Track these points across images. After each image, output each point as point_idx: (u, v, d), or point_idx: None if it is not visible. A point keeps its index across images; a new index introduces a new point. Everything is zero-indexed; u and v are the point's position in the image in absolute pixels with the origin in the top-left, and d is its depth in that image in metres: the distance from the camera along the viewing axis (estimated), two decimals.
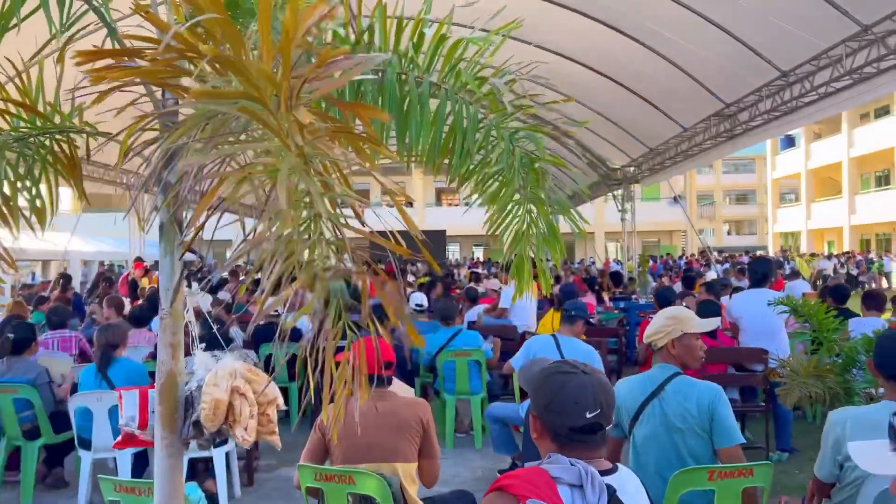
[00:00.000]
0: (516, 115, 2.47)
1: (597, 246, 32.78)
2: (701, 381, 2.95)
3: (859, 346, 4.23)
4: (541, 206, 2.37)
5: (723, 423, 2.77)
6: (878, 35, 7.04)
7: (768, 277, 5.51)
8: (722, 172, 54.03)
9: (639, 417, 2.87)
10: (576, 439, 1.68)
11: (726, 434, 2.76)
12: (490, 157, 2.31)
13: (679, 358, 2.91)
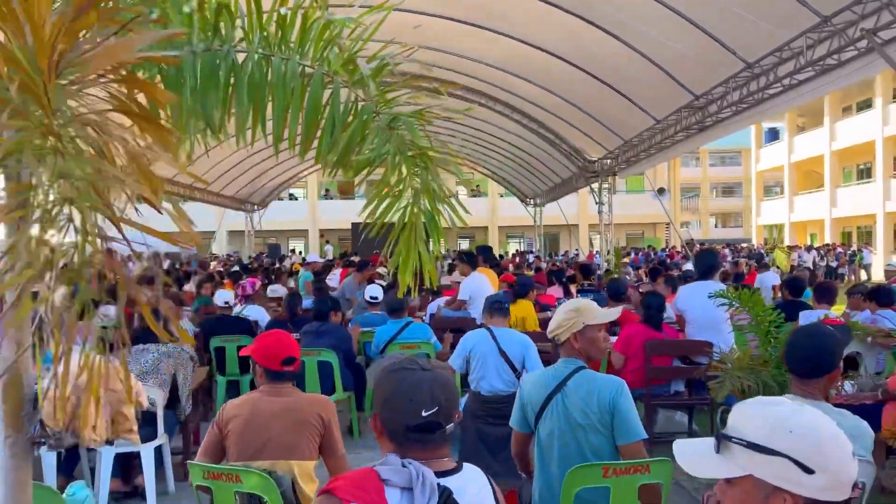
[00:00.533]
0: (409, 102, 2.39)
1: (581, 238, 32.76)
2: (603, 375, 2.88)
3: None
4: (428, 195, 2.28)
5: (623, 418, 2.69)
6: (838, 26, 6.99)
7: (714, 270, 5.46)
8: (709, 165, 54.18)
9: (543, 413, 2.80)
10: (412, 438, 1.61)
11: (626, 430, 2.68)
12: (371, 144, 2.21)
13: (583, 351, 2.83)
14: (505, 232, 36.91)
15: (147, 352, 4.28)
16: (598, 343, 2.85)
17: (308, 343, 5.59)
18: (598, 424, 2.70)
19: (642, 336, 5.04)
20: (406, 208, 2.24)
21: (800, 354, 2.49)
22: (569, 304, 2.96)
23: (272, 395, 2.87)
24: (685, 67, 10.01)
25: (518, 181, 25.46)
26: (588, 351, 2.83)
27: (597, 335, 2.83)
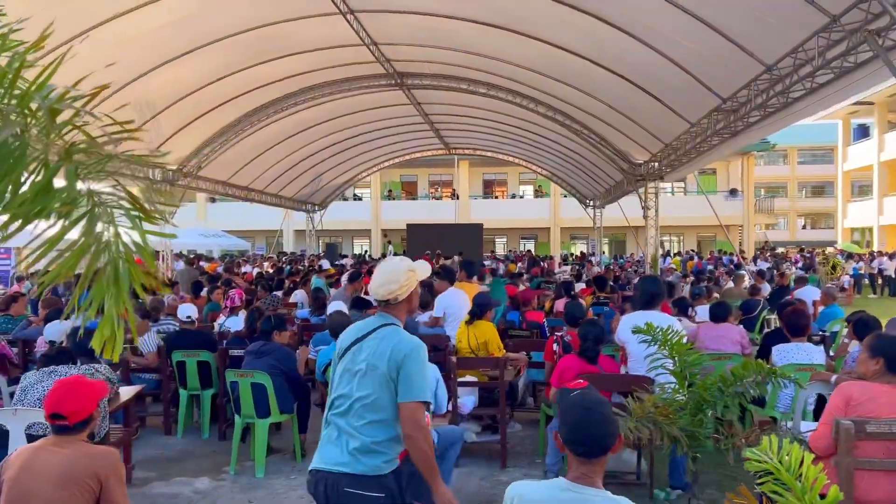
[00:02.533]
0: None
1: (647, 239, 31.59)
2: (410, 335, 2.88)
3: (716, 384, 3.83)
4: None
5: (406, 376, 2.73)
6: (847, 26, 6.39)
7: (657, 298, 5.04)
8: (797, 162, 51.40)
9: (343, 356, 2.90)
10: None
11: (405, 389, 2.72)
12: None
13: (409, 303, 2.97)
14: (568, 233, 36.14)
15: (53, 375, 4.36)
16: (419, 297, 3.09)
17: (248, 363, 5.56)
18: (384, 377, 2.74)
19: (576, 369, 4.72)
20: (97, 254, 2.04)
21: (583, 432, 2.19)
22: (408, 265, 2.97)
23: (54, 445, 2.81)
24: (709, 71, 9.59)
25: (577, 182, 24.91)
26: (413, 302, 2.99)
27: (417, 289, 3.00)
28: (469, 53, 13.14)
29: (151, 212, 2.06)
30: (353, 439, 2.74)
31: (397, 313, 2.93)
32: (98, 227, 1.99)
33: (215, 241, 31.24)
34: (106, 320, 1.97)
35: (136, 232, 2.06)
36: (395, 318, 2.91)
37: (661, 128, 12.97)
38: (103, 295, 1.98)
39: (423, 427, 2.73)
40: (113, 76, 11.62)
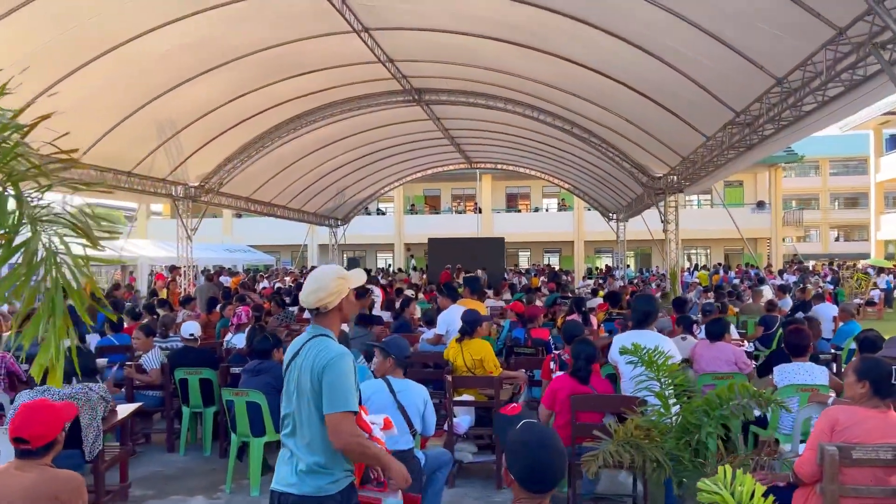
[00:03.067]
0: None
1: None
2: (335, 344, 2.80)
3: (701, 406, 3.75)
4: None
5: (327, 388, 2.68)
6: (853, 38, 6.28)
7: (651, 317, 4.94)
8: (829, 174, 50.48)
9: (286, 374, 2.89)
10: None
11: (327, 400, 2.67)
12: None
13: (342, 311, 2.89)
14: (593, 246, 35.85)
15: (46, 393, 4.43)
16: (353, 305, 3.03)
17: (244, 382, 5.60)
18: (312, 392, 2.73)
19: (568, 390, 4.65)
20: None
21: (541, 473, 2.12)
22: (336, 272, 2.88)
23: (17, 469, 2.84)
24: (722, 85, 9.54)
25: (599, 195, 24.77)
26: (347, 309, 2.91)
27: (352, 298, 2.95)
28: (486, 69, 13.21)
29: (95, 237, 2.08)
30: (300, 461, 2.76)
31: (328, 323, 2.86)
32: (39, 252, 2.02)
33: (240, 255, 31.67)
34: (44, 348, 1.99)
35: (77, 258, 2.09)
36: (325, 329, 2.84)
37: (679, 141, 12.87)
38: (40, 323, 2.01)
39: (351, 436, 2.68)
40: (133, 95, 11.91)
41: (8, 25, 8.50)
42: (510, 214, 37.15)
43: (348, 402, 2.70)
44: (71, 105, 11.05)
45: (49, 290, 2.00)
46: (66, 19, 9.01)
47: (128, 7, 9.18)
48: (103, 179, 13.76)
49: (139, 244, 25.87)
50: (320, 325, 2.86)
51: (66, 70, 10.15)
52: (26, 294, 2.03)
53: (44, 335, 2.04)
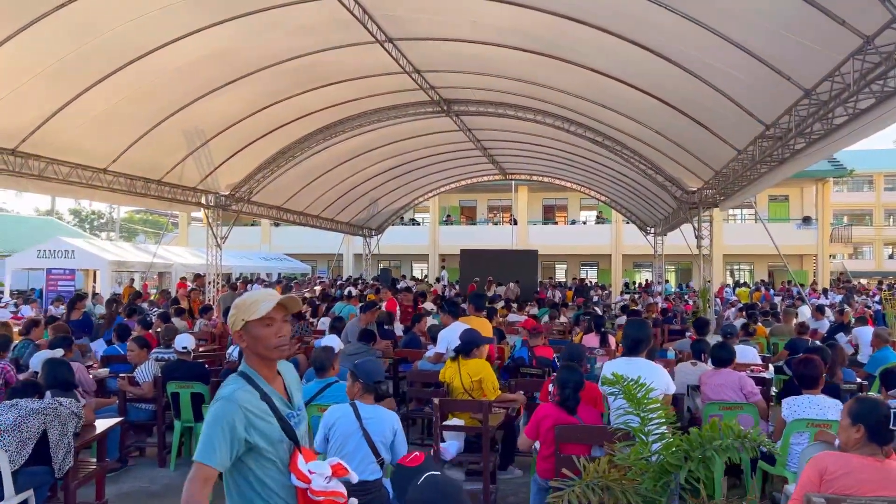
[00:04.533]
0: None
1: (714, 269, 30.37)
2: (223, 388, 2.44)
3: (681, 446, 3.45)
4: None
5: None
6: (881, 48, 5.89)
7: (642, 344, 4.61)
8: (883, 189, 48.65)
9: None
10: None
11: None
12: None
13: (251, 350, 2.45)
14: (631, 260, 35.11)
15: (13, 409, 4.35)
16: (263, 340, 2.43)
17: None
18: None
19: (553, 419, 4.37)
20: None
21: None
22: (239, 300, 2.51)
23: None
24: (751, 97, 9.19)
25: (635, 209, 24.24)
26: (254, 348, 2.44)
27: (262, 332, 2.42)
28: (513, 80, 13.01)
29: None
30: None
31: (246, 358, 2.52)
32: None
33: (276, 264, 31.96)
34: None
35: None
36: (243, 364, 2.53)
37: (711, 154, 12.44)
38: None
39: (189, 491, 2.29)
40: (159, 105, 12.04)
41: (33, 37, 8.63)
42: (547, 226, 36.66)
43: (201, 452, 2.33)
44: (98, 115, 11.24)
45: None
46: (90, 31, 9.13)
47: (151, 18, 9.25)
48: (133, 187, 13.97)
49: (176, 251, 26.32)
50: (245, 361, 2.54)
51: (92, 80, 10.29)
52: None
53: None
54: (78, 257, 19.68)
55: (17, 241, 27.19)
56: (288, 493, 2.45)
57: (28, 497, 4.36)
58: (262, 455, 2.41)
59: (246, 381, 2.46)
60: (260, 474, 2.42)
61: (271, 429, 2.41)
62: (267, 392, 2.46)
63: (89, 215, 59.33)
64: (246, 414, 2.36)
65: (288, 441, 2.46)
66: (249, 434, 2.36)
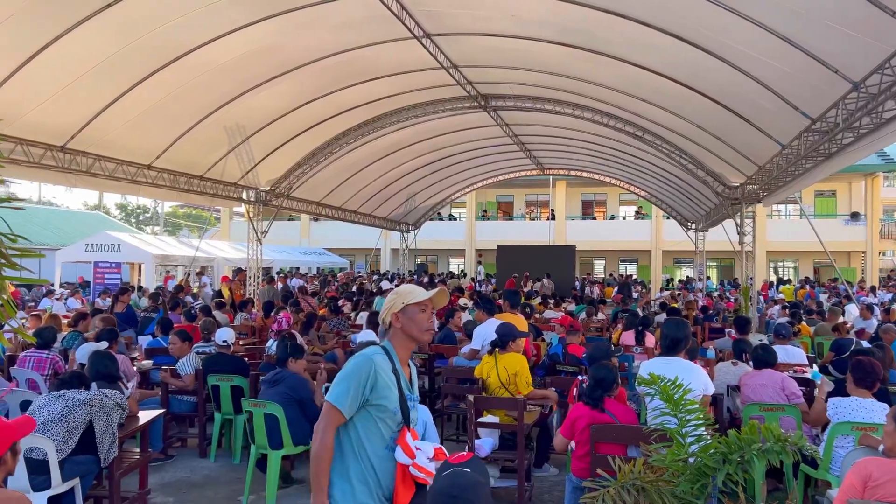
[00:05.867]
0: None
1: (758, 266, 29.72)
2: (366, 349, 2.76)
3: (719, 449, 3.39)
4: None
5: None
6: None
7: (680, 343, 4.51)
8: None
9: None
10: None
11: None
12: None
13: (405, 330, 2.77)
14: (671, 256, 34.56)
15: (61, 399, 4.48)
16: (418, 322, 2.78)
17: (262, 393, 5.54)
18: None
19: (587, 418, 4.33)
20: None
21: None
22: (397, 289, 2.91)
23: None
24: (797, 90, 8.93)
25: (676, 204, 23.86)
26: (408, 329, 2.77)
27: (419, 316, 2.78)
28: (551, 74, 12.92)
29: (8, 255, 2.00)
30: None
31: (391, 337, 2.87)
32: None
33: (315, 258, 32.31)
34: None
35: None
36: (385, 341, 2.87)
37: (754, 149, 12.17)
38: None
39: (321, 429, 2.65)
40: (202, 102, 12.26)
41: (80, 37, 8.85)
42: (585, 222, 36.30)
43: (337, 396, 2.62)
44: (143, 112, 11.49)
45: None
46: (134, 29, 9.32)
47: (195, 16, 9.41)
48: (176, 183, 14.26)
49: (218, 245, 26.79)
50: (390, 340, 2.85)
51: (137, 78, 10.52)
52: None
53: None
54: (124, 251, 20.17)
55: (67, 235, 27.99)
56: (380, 464, 2.67)
57: (74, 485, 4.49)
58: (371, 417, 2.66)
59: (386, 353, 2.75)
60: (363, 437, 2.66)
61: (391, 396, 2.68)
62: (398, 368, 2.76)
63: (135, 210, 60.74)
64: (377, 373, 2.65)
65: (400, 415, 2.70)
66: (372, 392, 2.64)
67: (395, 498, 2.66)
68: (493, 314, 6.98)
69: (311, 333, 8.93)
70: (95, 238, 20.99)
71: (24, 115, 9.74)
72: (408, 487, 2.66)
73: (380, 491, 2.67)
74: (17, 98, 9.08)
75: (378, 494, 2.66)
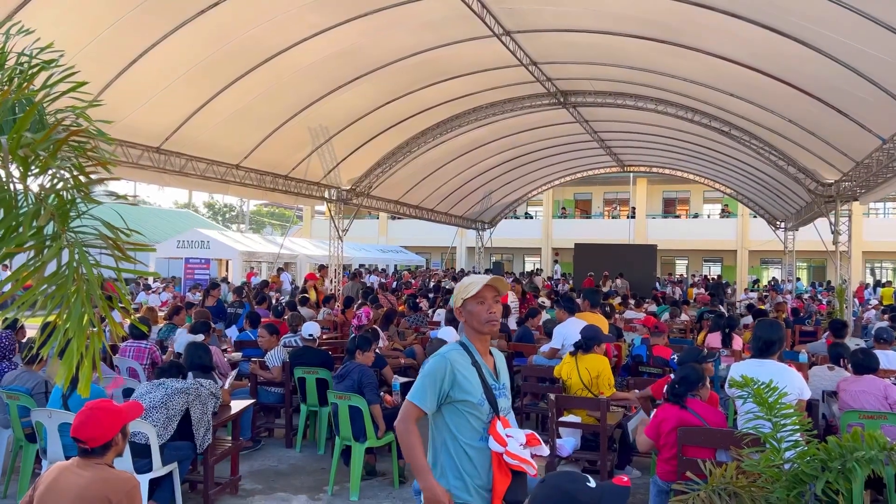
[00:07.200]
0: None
1: (853, 267, 28.21)
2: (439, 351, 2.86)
3: (818, 456, 3.27)
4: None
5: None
6: None
7: (774, 345, 4.30)
8: None
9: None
10: None
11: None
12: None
13: (468, 324, 2.84)
14: (758, 256, 33.23)
15: (161, 387, 4.72)
16: (477, 315, 2.80)
17: (335, 385, 5.69)
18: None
19: (674, 420, 4.21)
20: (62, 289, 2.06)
21: None
22: (458, 283, 2.95)
23: (78, 467, 2.94)
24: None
25: (764, 202, 22.96)
26: (470, 322, 2.83)
27: (476, 308, 2.79)
28: (632, 69, 12.67)
29: (124, 249, 2.11)
30: None
31: (465, 331, 2.96)
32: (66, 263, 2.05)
33: (392, 256, 32.76)
34: (67, 357, 2.03)
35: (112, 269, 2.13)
36: (462, 336, 2.98)
37: (850, 144, 11.59)
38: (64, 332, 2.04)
39: (402, 421, 2.77)
40: (287, 104, 12.64)
41: (174, 43, 9.28)
42: (666, 220, 35.36)
43: (413, 393, 2.73)
44: (232, 114, 11.94)
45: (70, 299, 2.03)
46: (225, 35, 9.71)
47: (281, 21, 9.72)
48: (262, 182, 14.75)
49: (300, 242, 27.56)
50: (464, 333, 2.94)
51: (227, 82, 10.95)
52: (51, 304, 2.06)
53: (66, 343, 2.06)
54: (212, 248, 21.01)
55: (160, 232, 29.39)
56: (477, 453, 2.72)
57: (173, 469, 4.73)
58: (458, 411, 2.72)
59: (463, 348, 2.81)
60: (453, 428, 2.73)
61: (473, 389, 2.72)
62: (478, 361, 2.79)
63: (222, 208, 63.11)
64: (454, 370, 2.71)
65: (488, 405, 2.74)
66: (453, 388, 2.70)
67: (494, 485, 2.72)
68: (573, 313, 6.91)
69: (391, 329, 9.09)
70: (187, 235, 21.95)
71: (124, 118, 10.28)
72: (504, 475, 2.71)
73: (479, 482, 2.73)
74: (117, 101, 9.61)
75: (476, 486, 2.72)
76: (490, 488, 2.70)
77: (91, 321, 2.05)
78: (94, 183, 2.11)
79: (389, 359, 7.18)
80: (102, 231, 2.09)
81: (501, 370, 2.91)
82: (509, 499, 2.71)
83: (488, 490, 2.70)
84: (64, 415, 4.54)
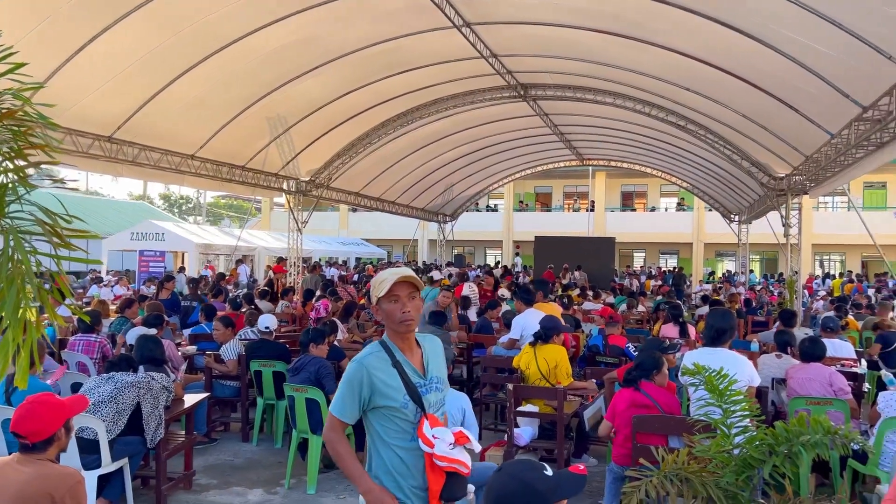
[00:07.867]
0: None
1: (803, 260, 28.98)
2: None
3: (766, 440, 3.33)
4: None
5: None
6: None
7: (725, 334, 4.41)
8: None
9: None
10: None
11: None
12: None
13: (385, 323, 2.73)
14: (713, 249, 33.94)
15: (111, 381, 4.60)
16: (391, 315, 2.66)
17: (290, 378, 5.65)
18: None
19: (626, 401, 4.26)
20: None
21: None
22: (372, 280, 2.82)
23: (18, 463, 2.85)
24: (847, 77, 8.65)
25: (719, 196, 23.41)
26: (386, 322, 2.72)
27: (390, 307, 2.65)
28: (592, 63, 12.76)
29: (64, 236, 2.04)
30: None
31: (386, 329, 2.84)
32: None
33: (353, 248, 32.56)
34: (2, 348, 1.96)
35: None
36: (384, 334, 2.84)
37: (801, 139, 11.86)
38: None
39: (328, 436, 2.73)
40: (244, 93, 12.42)
41: (126, 29, 9.03)
42: (625, 213, 35.86)
43: (334, 405, 2.68)
44: (187, 103, 11.69)
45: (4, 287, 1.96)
46: (180, 21, 9.47)
47: (239, 7, 9.52)
48: (219, 173, 14.48)
49: (259, 235, 27.20)
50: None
51: (181, 69, 10.70)
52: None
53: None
54: (168, 240, 20.59)
55: (113, 224, 28.68)
56: (408, 454, 2.65)
57: (123, 465, 4.62)
58: (383, 415, 2.64)
59: (383, 348, 2.72)
60: (381, 432, 2.65)
61: (395, 393, 2.63)
62: (399, 360, 2.69)
63: (178, 200, 61.92)
64: (371, 376, 2.62)
65: (414, 405, 2.64)
66: (373, 394, 2.62)
67: (429, 485, 2.65)
68: (530, 304, 6.96)
69: (350, 322, 9.04)
70: (140, 227, 21.47)
71: (73, 106, 9.98)
72: (438, 474, 2.64)
73: (413, 482, 2.66)
74: (66, 89, 9.32)
75: (410, 486, 2.65)
76: (426, 487, 2.63)
77: (27, 310, 1.97)
78: (31, 166, 2.02)
79: (349, 351, 7.13)
80: (39, 216, 2.02)
81: (431, 360, 2.79)
82: (446, 496, 2.67)
83: (424, 490, 2.64)
84: (6, 410, 4.39)
